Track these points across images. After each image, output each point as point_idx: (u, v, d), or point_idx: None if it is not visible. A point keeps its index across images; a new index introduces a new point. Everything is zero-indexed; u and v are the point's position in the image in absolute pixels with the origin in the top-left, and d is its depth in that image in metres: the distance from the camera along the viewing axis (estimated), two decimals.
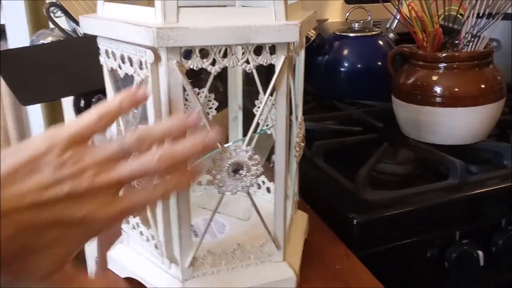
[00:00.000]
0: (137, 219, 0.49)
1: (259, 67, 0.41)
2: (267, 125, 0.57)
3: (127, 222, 0.50)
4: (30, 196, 0.30)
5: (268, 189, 0.62)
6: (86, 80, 0.61)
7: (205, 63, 0.39)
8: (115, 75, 0.45)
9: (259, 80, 0.51)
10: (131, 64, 0.41)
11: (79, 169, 0.32)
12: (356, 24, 1.03)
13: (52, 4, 0.72)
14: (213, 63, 0.39)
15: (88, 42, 0.47)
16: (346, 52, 1.01)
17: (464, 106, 0.75)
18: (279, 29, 0.39)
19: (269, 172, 0.51)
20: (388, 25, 1.10)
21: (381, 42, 1.01)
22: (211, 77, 0.40)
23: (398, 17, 1.01)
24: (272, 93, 0.43)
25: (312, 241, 0.56)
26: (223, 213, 0.59)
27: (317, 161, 0.74)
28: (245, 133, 0.63)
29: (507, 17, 0.93)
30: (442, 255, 0.64)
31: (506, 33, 1.03)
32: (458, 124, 0.76)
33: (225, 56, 0.39)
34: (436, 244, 0.64)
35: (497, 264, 0.69)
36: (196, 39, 0.37)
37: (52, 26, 0.77)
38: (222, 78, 0.64)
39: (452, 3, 0.81)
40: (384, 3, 0.90)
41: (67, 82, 0.63)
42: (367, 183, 0.65)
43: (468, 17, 0.78)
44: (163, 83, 0.39)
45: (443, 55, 0.76)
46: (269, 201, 0.61)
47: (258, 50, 0.40)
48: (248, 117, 0.62)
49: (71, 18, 0.72)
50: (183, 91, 0.39)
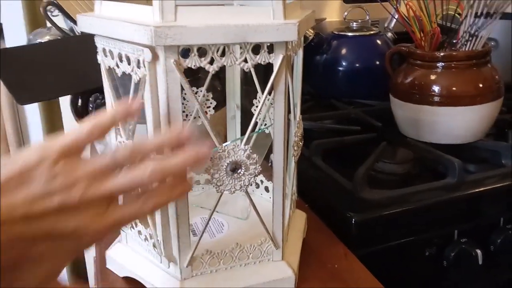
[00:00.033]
0: None
1: (257, 66, 0.41)
2: (265, 124, 0.57)
3: None
4: (21, 208, 0.30)
5: (267, 188, 0.62)
6: (84, 79, 0.60)
7: (203, 62, 0.39)
8: (112, 73, 0.44)
9: (257, 79, 0.51)
10: (129, 63, 0.40)
11: (71, 181, 0.32)
12: (354, 23, 1.03)
13: (49, 3, 0.71)
14: (211, 62, 0.39)
15: (85, 41, 0.47)
16: (344, 51, 1.01)
17: (462, 105, 0.75)
18: (277, 28, 0.38)
19: (267, 171, 0.51)
20: (386, 25, 1.10)
21: (379, 42, 1.01)
22: (209, 76, 0.40)
23: (396, 16, 1.01)
24: (270, 92, 0.43)
25: (310, 240, 0.56)
26: (221, 212, 0.59)
27: (316, 160, 0.74)
28: (243, 132, 0.63)
29: (505, 16, 0.93)
30: (440, 254, 0.64)
31: (504, 33, 1.04)
32: (456, 123, 0.76)
33: (223, 55, 0.39)
34: (434, 243, 0.64)
35: (495, 263, 0.69)
36: (194, 37, 0.37)
37: (49, 25, 0.77)
38: (220, 77, 0.64)
39: (450, 2, 0.81)
40: (382, 3, 0.90)
41: (65, 81, 0.62)
42: (365, 182, 0.65)
43: (466, 16, 0.78)
44: (161, 82, 0.39)
45: (441, 54, 0.76)
46: (267, 200, 0.60)
47: (256, 49, 0.40)
48: (246, 116, 0.61)
49: (68, 16, 0.72)
50: (181, 90, 0.39)
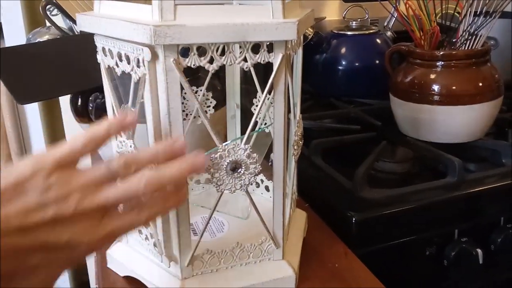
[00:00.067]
0: None
1: (257, 66, 0.41)
2: (265, 123, 0.57)
3: None
4: (15, 219, 0.31)
5: (267, 188, 0.62)
6: (84, 78, 0.60)
7: (203, 61, 0.39)
8: (112, 73, 0.44)
9: (257, 78, 0.51)
10: (129, 62, 0.40)
11: (65, 193, 0.32)
12: (354, 22, 1.03)
13: (49, 2, 0.71)
14: (211, 61, 0.39)
15: (85, 40, 0.47)
16: (343, 50, 1.01)
17: (462, 104, 0.75)
18: (276, 27, 0.38)
19: (267, 170, 0.51)
20: (386, 23, 1.10)
21: (378, 41, 1.01)
22: (209, 75, 0.40)
23: (396, 15, 1.01)
24: (270, 92, 0.43)
25: (310, 239, 0.56)
26: (222, 212, 0.59)
27: (315, 159, 0.74)
28: (243, 131, 0.62)
29: (505, 15, 0.93)
30: (441, 253, 0.64)
31: (503, 31, 1.04)
32: (456, 122, 0.76)
33: (222, 54, 0.39)
34: (434, 242, 0.64)
35: (496, 262, 0.69)
36: (193, 36, 0.37)
37: (48, 24, 0.76)
38: (220, 76, 0.64)
39: (450, 1, 0.81)
40: (382, 1, 0.90)
41: (64, 80, 0.62)
42: (365, 181, 0.65)
43: (466, 15, 0.78)
44: (161, 81, 0.39)
45: (441, 53, 0.76)
46: (267, 200, 0.60)
47: (256, 48, 0.40)
48: (246, 115, 0.61)
49: (67, 16, 0.71)
50: (180, 89, 0.39)
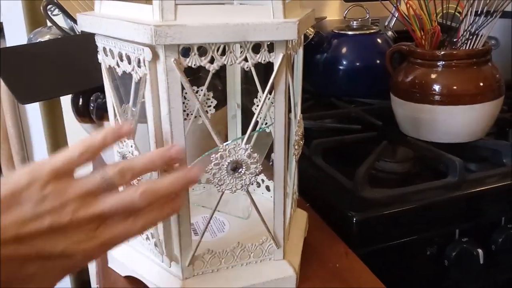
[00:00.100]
0: None
1: (258, 65, 0.41)
2: (266, 123, 0.57)
3: None
4: (12, 229, 0.31)
5: (268, 188, 0.62)
6: (85, 78, 0.60)
7: (203, 61, 0.39)
8: (113, 73, 0.44)
9: (257, 78, 0.51)
10: (129, 62, 0.40)
11: (60, 204, 0.32)
12: (355, 22, 1.03)
13: (50, 2, 0.71)
14: (212, 61, 0.39)
15: (86, 40, 0.47)
16: (344, 50, 1.01)
17: (463, 104, 0.74)
18: (277, 27, 0.38)
19: (268, 170, 0.51)
20: (387, 23, 1.10)
21: (379, 40, 1.01)
22: (210, 75, 0.40)
23: (396, 15, 1.01)
24: (270, 91, 0.43)
25: (311, 239, 0.56)
26: (222, 212, 0.59)
27: (316, 159, 0.74)
28: (244, 131, 0.62)
29: (505, 15, 0.93)
30: (441, 253, 0.64)
31: (504, 31, 1.03)
32: (456, 122, 0.76)
33: (223, 54, 0.39)
34: (435, 242, 0.64)
35: (496, 262, 0.69)
36: (194, 36, 0.37)
37: (49, 24, 0.76)
38: (220, 76, 0.64)
39: (450, 1, 0.81)
40: (383, 1, 0.90)
41: (65, 80, 0.62)
42: (366, 181, 0.65)
43: (466, 15, 0.78)
44: (162, 81, 0.39)
45: (442, 53, 0.76)
46: (268, 200, 0.60)
47: (257, 48, 0.40)
48: (247, 115, 0.61)
49: (68, 16, 0.71)
50: (181, 89, 0.39)
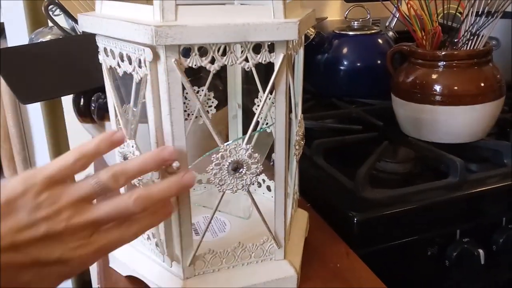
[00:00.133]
0: None
1: (258, 66, 0.41)
2: (266, 123, 0.57)
3: None
4: (7, 237, 0.31)
5: (268, 188, 0.62)
6: (86, 78, 0.60)
7: (204, 61, 0.39)
8: (114, 73, 0.44)
9: (258, 78, 0.51)
10: (130, 62, 0.40)
11: (55, 211, 0.33)
12: (355, 22, 1.03)
13: (51, 3, 0.71)
14: (212, 61, 0.39)
15: (87, 40, 0.47)
16: (345, 50, 1.01)
17: (464, 105, 0.74)
18: (277, 27, 0.38)
19: (269, 170, 0.51)
20: (387, 24, 1.10)
21: (380, 41, 1.01)
22: (211, 75, 0.40)
23: (397, 15, 1.01)
24: (271, 92, 0.43)
25: (312, 239, 0.56)
26: (223, 212, 0.59)
27: (317, 159, 0.74)
28: (244, 131, 0.63)
29: (506, 15, 0.93)
30: (442, 253, 0.64)
31: (505, 32, 1.03)
32: (457, 123, 0.76)
33: (224, 54, 0.39)
34: (436, 243, 0.64)
35: (497, 262, 0.69)
36: (195, 37, 0.37)
37: (51, 24, 0.76)
38: (221, 76, 0.64)
39: (451, 1, 0.81)
40: (383, 2, 0.90)
41: (67, 80, 0.62)
42: (367, 181, 0.65)
43: (467, 15, 0.77)
44: (162, 81, 0.39)
45: (442, 53, 0.76)
46: (269, 200, 0.60)
47: (257, 48, 0.40)
48: (248, 115, 0.61)
49: (69, 16, 0.72)
50: (182, 89, 0.39)
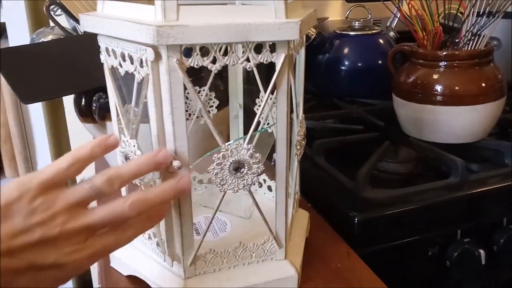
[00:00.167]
0: None
1: (260, 66, 0.41)
2: (268, 123, 0.57)
3: None
4: (3, 242, 0.31)
5: (269, 188, 0.62)
6: (87, 78, 0.60)
7: (206, 61, 0.39)
8: (115, 73, 0.45)
9: (259, 78, 0.51)
10: (132, 62, 0.40)
11: (49, 216, 0.33)
12: (357, 22, 1.03)
13: (52, 2, 0.71)
14: (214, 61, 0.39)
15: (88, 40, 0.47)
16: (346, 50, 1.01)
17: (465, 105, 0.74)
18: (279, 27, 0.38)
19: (270, 170, 0.51)
20: (389, 24, 1.10)
21: (381, 41, 1.01)
22: (212, 75, 0.40)
23: (398, 15, 1.00)
24: (272, 92, 0.43)
25: (313, 239, 0.56)
26: (224, 212, 0.59)
27: (318, 159, 0.74)
28: (246, 131, 0.63)
29: (507, 15, 0.93)
30: (443, 253, 0.64)
31: (506, 32, 1.03)
32: (458, 123, 0.76)
33: (225, 54, 0.39)
34: (437, 243, 0.64)
35: (498, 263, 0.69)
36: (196, 36, 0.37)
37: (52, 24, 0.77)
38: (222, 76, 0.64)
39: (452, 1, 0.81)
40: (385, 2, 0.90)
41: (68, 80, 0.63)
42: (368, 181, 0.65)
43: (468, 15, 0.77)
44: (164, 81, 0.39)
45: (444, 53, 0.76)
46: (270, 200, 0.61)
47: (259, 48, 0.40)
48: (249, 115, 0.61)
49: (71, 16, 0.72)
50: (184, 89, 0.39)
